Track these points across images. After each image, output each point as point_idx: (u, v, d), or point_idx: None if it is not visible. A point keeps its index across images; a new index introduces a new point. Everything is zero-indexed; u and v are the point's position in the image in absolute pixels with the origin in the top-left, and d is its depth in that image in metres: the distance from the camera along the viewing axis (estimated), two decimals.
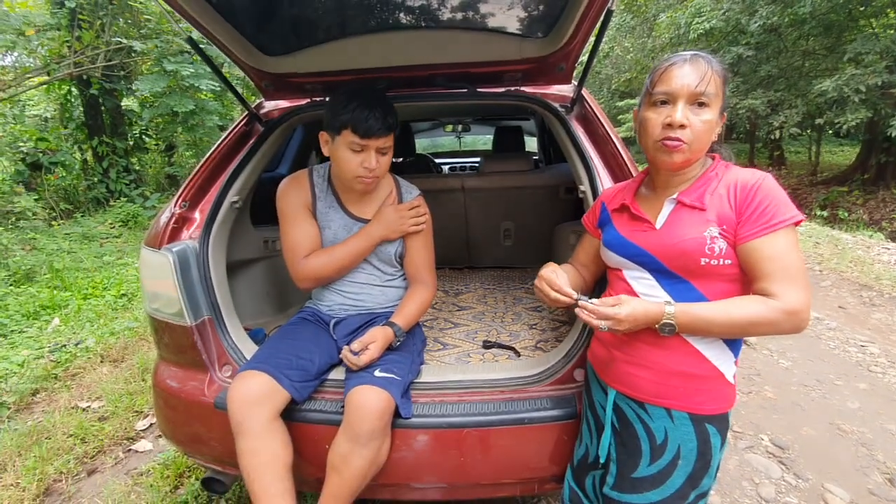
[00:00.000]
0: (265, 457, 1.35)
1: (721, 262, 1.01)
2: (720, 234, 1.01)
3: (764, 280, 0.98)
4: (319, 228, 1.69)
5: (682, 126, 1.00)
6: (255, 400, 1.37)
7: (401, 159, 4.05)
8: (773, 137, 10.63)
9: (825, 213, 9.48)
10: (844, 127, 8.07)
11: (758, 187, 1.01)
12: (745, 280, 1.04)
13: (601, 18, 1.45)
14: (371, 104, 1.48)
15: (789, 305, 0.95)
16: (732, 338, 1.07)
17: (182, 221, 1.68)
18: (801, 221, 0.99)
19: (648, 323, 1.02)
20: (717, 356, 1.08)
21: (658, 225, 1.10)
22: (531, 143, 5.08)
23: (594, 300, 1.05)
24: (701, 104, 1.01)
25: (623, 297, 1.04)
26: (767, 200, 0.99)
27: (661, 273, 1.09)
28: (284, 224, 1.67)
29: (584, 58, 1.74)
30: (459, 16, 1.60)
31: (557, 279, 1.11)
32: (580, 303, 1.05)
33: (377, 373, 1.43)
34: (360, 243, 1.66)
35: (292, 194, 1.67)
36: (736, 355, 1.11)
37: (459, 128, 5.19)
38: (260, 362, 1.46)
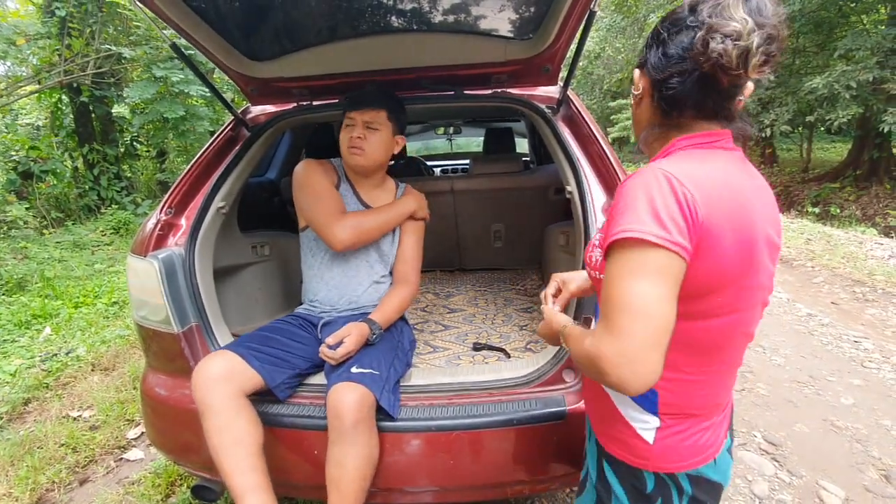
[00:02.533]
0: (234, 434, 1.33)
1: (599, 275, 0.81)
2: (599, 241, 0.84)
3: None
4: None
5: None
6: (218, 377, 1.36)
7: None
8: (764, 135, 10.69)
9: (817, 210, 9.53)
10: (835, 123, 8.11)
11: (620, 189, 0.76)
12: None
13: (584, 20, 1.46)
14: (368, 89, 1.67)
15: (590, 348, 0.71)
16: None
17: (168, 228, 1.68)
18: (628, 240, 0.68)
19: (556, 339, 0.99)
20: (625, 408, 0.88)
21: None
22: (524, 145, 5.07)
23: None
24: None
25: (546, 313, 1.03)
26: (619, 206, 0.73)
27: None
28: (317, 193, 1.69)
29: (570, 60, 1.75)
30: (444, 19, 1.61)
31: (561, 300, 1.07)
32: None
33: (354, 369, 1.43)
34: (397, 210, 1.79)
35: (320, 171, 1.75)
36: (651, 411, 0.84)
37: (451, 130, 5.18)
38: (225, 346, 1.50)
